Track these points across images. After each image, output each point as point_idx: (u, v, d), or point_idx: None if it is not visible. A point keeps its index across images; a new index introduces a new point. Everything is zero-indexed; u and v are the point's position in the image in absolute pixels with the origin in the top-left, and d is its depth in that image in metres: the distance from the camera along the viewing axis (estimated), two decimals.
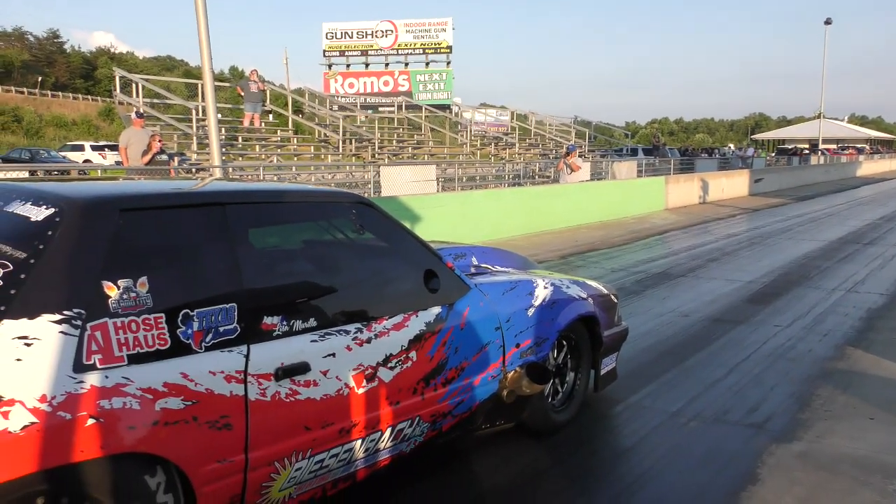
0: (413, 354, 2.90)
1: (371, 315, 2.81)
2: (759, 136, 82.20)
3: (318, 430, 2.56)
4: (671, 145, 46.66)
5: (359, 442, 2.73)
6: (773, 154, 46.96)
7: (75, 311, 2.04)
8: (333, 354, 2.61)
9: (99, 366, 2.04)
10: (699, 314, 6.47)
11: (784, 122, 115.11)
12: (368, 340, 2.74)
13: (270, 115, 19.47)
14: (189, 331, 2.25)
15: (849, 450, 3.58)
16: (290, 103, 20.14)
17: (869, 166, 42.28)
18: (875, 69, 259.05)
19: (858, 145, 64.16)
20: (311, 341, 2.56)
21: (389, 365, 2.81)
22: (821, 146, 46.22)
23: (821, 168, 34.09)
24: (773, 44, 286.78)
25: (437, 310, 3.06)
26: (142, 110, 13.40)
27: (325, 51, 29.11)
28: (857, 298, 7.17)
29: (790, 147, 55.17)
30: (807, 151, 43.87)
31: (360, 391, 2.70)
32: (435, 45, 29.15)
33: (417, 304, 3.00)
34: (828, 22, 40.04)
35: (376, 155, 19.43)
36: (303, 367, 2.50)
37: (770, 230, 13.24)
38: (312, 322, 2.60)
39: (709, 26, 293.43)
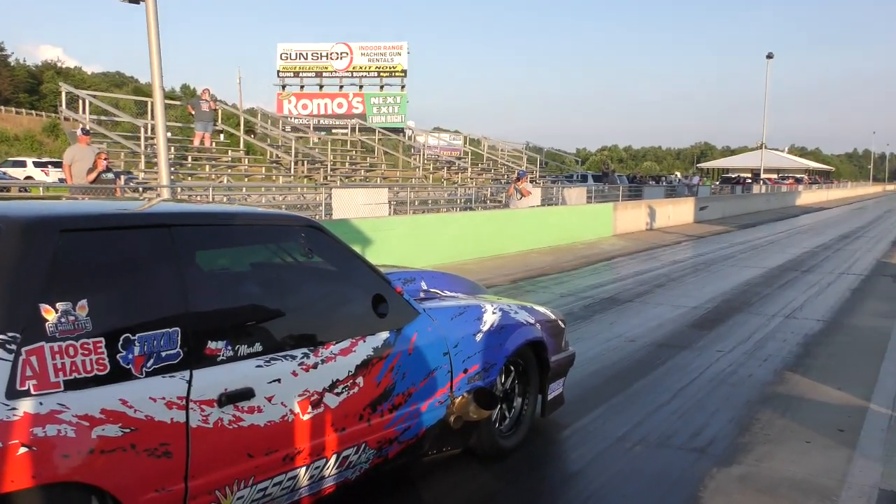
0: (360, 380, 2.89)
1: (318, 340, 2.79)
2: (704, 165, 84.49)
3: (262, 458, 2.52)
4: (620, 172, 47.64)
5: (303, 469, 2.69)
6: (718, 182, 48.22)
7: (10, 334, 1.98)
8: (279, 380, 2.58)
9: (33, 392, 1.98)
10: (645, 339, 6.59)
11: (728, 151, 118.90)
12: (315, 366, 2.72)
13: (222, 135, 19.24)
14: (130, 356, 2.20)
15: (787, 473, 3.68)
16: (241, 123, 19.96)
17: (808, 196, 43.93)
18: (815, 103, 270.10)
19: (798, 175, 66.42)
20: (257, 366, 2.53)
21: (336, 391, 2.79)
22: (763, 175, 47.79)
23: (763, 197, 35.26)
24: (720, 76, 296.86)
25: (385, 335, 3.05)
26: (88, 127, 13.10)
27: (279, 71, 28.95)
28: (796, 324, 7.40)
29: (734, 176, 56.75)
30: (749, 180, 45.24)
31: (306, 417, 2.67)
32: (390, 68, 29.27)
33: (365, 328, 2.99)
34: (769, 56, 41.75)
35: (328, 177, 19.34)
36: (247, 393, 2.46)
37: (714, 257, 13.60)
38: (258, 347, 2.57)
39: (658, 58, 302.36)
